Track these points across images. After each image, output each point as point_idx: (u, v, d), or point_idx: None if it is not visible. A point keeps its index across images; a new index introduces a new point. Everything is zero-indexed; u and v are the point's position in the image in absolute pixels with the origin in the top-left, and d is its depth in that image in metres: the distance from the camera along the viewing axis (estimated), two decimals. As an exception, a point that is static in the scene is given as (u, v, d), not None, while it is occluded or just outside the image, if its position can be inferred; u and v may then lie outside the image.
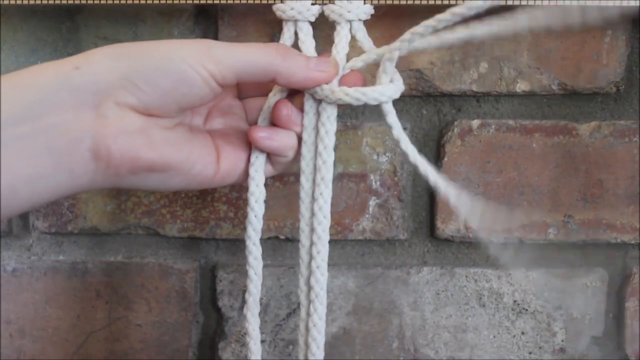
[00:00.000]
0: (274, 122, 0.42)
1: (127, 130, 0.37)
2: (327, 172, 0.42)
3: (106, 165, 0.36)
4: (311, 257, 0.42)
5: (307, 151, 0.42)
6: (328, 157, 0.42)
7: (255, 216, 0.43)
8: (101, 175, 0.37)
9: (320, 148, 0.42)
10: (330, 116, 0.41)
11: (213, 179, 0.41)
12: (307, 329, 0.43)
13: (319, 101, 0.41)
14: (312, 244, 0.42)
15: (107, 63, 0.36)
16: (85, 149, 0.36)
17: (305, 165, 0.42)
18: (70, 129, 0.35)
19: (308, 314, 0.43)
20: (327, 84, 0.40)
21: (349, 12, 0.42)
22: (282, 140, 0.42)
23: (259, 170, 0.42)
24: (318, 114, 0.42)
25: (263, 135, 0.41)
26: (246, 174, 0.42)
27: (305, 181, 0.43)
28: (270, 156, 0.42)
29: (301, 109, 0.42)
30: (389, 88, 0.41)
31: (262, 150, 0.42)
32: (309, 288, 0.43)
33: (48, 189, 0.36)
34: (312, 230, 0.42)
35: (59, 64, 0.37)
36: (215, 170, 0.41)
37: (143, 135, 0.37)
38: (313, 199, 0.42)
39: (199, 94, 0.38)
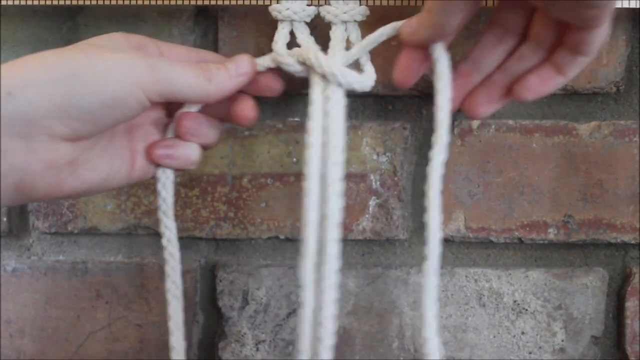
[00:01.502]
0: (177, 135, 0.42)
1: (56, 165, 0.36)
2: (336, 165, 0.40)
3: (26, 196, 0.36)
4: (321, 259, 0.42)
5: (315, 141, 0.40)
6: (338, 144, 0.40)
7: (166, 227, 0.43)
8: (18, 203, 0.37)
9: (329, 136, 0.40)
10: (338, 101, 0.40)
11: (125, 184, 0.41)
12: (317, 332, 0.42)
13: (325, 86, 0.40)
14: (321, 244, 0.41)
15: (41, 87, 0.34)
16: (11, 182, 0.35)
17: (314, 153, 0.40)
18: (1, 161, 0.34)
19: (317, 316, 0.42)
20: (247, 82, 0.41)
21: (344, 13, 0.42)
22: (183, 156, 0.41)
23: (168, 185, 0.42)
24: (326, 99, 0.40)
25: (161, 153, 0.41)
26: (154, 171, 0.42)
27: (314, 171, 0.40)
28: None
29: (213, 117, 0.42)
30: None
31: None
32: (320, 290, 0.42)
33: None
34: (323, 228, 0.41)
35: None
36: (128, 177, 0.41)
37: (70, 167, 0.37)
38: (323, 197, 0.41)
39: (130, 114, 0.38)
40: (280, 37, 0.42)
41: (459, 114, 0.49)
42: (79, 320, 0.52)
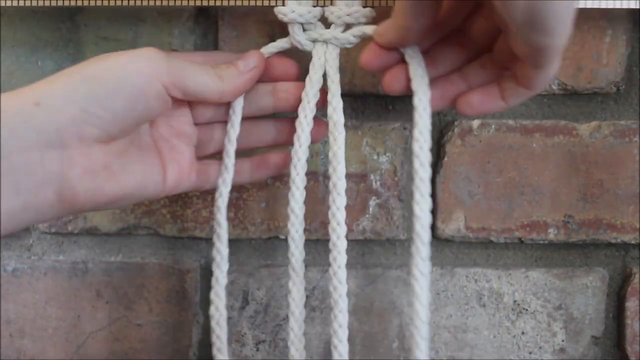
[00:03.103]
0: None
1: (92, 169, 0.37)
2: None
3: (70, 204, 0.37)
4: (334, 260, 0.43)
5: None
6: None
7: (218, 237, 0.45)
8: (65, 212, 0.37)
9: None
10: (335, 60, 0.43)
11: (160, 195, 0.42)
12: (334, 332, 0.43)
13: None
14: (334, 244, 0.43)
15: (65, 94, 0.36)
16: (51, 191, 0.36)
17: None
18: (37, 171, 0.35)
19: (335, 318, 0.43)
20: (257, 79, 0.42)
21: (347, 15, 0.42)
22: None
23: (225, 194, 0.44)
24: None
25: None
26: (189, 184, 0.43)
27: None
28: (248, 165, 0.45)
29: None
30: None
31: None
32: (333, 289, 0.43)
33: (17, 224, 0.36)
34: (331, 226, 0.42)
35: (18, 99, 0.35)
36: (162, 188, 0.42)
37: (106, 171, 0.38)
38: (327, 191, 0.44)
39: (153, 108, 0.38)
40: (295, 32, 0.43)
41: (457, 114, 0.49)
42: (79, 320, 0.52)
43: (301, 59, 0.44)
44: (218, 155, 0.45)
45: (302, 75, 0.44)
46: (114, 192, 0.38)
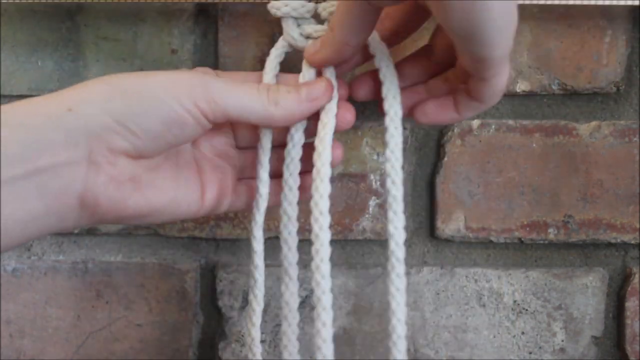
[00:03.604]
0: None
1: (117, 179, 0.36)
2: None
3: (92, 213, 0.36)
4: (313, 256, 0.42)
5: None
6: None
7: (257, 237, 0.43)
8: (86, 220, 0.37)
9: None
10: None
11: (196, 214, 0.41)
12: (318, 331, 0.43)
13: None
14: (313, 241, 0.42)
15: (100, 104, 0.35)
16: (74, 196, 0.35)
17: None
18: (62, 174, 0.35)
19: (318, 315, 0.43)
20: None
21: None
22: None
23: (262, 205, 0.42)
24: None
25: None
26: (228, 204, 0.42)
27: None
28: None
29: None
30: None
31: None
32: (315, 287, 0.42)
33: (38, 229, 0.35)
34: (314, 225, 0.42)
35: (51, 102, 0.35)
36: (199, 206, 0.41)
37: (132, 184, 0.37)
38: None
39: (190, 133, 0.37)
40: (288, 26, 0.43)
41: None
42: (79, 320, 0.52)
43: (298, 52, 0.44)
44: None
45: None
46: (138, 205, 0.37)
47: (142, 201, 0.37)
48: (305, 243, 0.46)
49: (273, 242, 0.51)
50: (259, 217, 0.42)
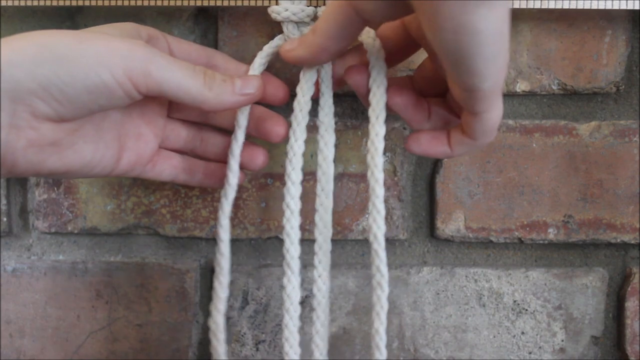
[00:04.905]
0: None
1: (38, 143, 0.36)
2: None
3: (8, 171, 0.36)
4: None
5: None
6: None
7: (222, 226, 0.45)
8: (2, 175, 0.37)
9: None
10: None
11: (107, 175, 0.41)
12: (316, 331, 0.43)
13: None
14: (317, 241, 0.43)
15: (28, 67, 0.34)
16: None
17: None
18: None
19: (316, 316, 0.43)
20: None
21: None
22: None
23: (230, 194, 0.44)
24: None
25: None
26: (143, 172, 0.43)
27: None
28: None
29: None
30: None
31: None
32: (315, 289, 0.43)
33: None
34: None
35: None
36: (112, 169, 0.41)
37: (52, 147, 0.37)
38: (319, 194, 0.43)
39: (117, 103, 0.37)
40: (289, 30, 0.43)
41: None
42: (79, 320, 0.52)
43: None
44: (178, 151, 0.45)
45: (290, 97, 0.44)
46: (55, 166, 0.38)
47: (59, 163, 0.38)
48: (305, 243, 0.46)
49: (273, 242, 0.51)
50: (227, 206, 0.44)
